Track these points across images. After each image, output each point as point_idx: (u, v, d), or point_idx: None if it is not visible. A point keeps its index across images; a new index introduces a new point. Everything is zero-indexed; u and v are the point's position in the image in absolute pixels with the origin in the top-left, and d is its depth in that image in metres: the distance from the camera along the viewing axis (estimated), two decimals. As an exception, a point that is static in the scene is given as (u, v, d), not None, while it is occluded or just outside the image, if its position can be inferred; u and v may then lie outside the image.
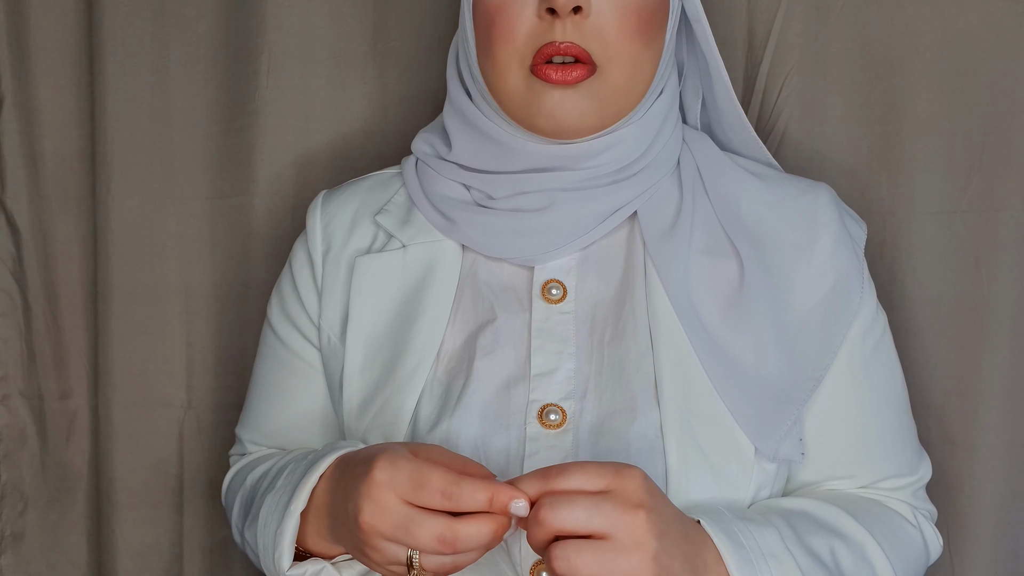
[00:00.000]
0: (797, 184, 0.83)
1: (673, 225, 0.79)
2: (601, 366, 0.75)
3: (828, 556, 0.71)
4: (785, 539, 0.69)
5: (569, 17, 0.73)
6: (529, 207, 0.79)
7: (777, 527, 0.70)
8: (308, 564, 0.72)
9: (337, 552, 0.73)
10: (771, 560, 0.67)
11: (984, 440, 0.99)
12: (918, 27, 0.99)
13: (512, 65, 0.75)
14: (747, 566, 0.66)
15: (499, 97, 0.77)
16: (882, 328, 0.81)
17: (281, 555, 0.71)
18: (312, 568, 0.72)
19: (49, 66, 1.08)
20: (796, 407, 0.74)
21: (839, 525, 0.74)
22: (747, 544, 0.67)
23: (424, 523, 0.61)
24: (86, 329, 1.12)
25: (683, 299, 0.76)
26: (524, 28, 0.75)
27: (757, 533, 0.68)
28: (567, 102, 0.75)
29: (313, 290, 0.85)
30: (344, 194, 0.88)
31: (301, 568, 0.72)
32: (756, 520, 0.70)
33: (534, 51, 0.74)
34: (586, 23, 0.74)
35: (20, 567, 1.14)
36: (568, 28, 0.73)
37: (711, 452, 0.72)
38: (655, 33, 0.77)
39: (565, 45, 0.73)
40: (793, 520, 0.72)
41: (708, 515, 0.68)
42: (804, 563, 0.68)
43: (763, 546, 0.67)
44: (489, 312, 0.78)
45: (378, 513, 0.63)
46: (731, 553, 0.66)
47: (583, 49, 0.74)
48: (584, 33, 0.74)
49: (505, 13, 0.75)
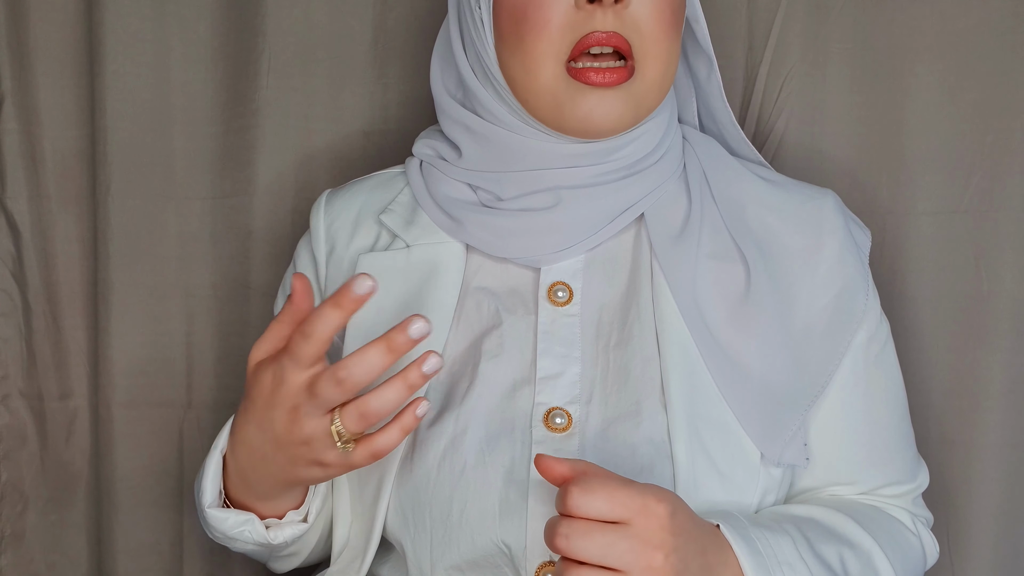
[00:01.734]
0: (803, 190, 0.82)
1: (682, 230, 0.79)
2: (607, 370, 0.75)
3: (838, 564, 0.71)
4: (799, 547, 0.69)
5: (611, 7, 0.71)
6: (536, 206, 0.78)
7: (791, 535, 0.70)
8: (232, 512, 0.73)
9: (269, 514, 0.74)
10: (786, 568, 0.67)
11: (984, 440, 1.00)
12: (918, 27, 0.99)
13: (547, 59, 0.73)
14: (763, 573, 0.66)
15: (526, 95, 0.75)
16: (885, 335, 0.81)
17: (203, 491, 0.72)
18: (236, 517, 0.73)
19: (49, 66, 1.08)
20: (801, 412, 0.74)
21: (847, 533, 0.74)
22: (764, 551, 0.67)
23: (321, 381, 0.60)
24: (86, 329, 1.12)
25: (690, 303, 0.76)
26: (560, 19, 0.72)
27: (773, 541, 0.68)
28: (605, 104, 0.73)
29: (317, 290, 0.84)
30: (347, 193, 0.87)
31: (224, 513, 0.73)
32: (771, 527, 0.70)
33: (572, 43, 0.72)
34: (626, 13, 0.72)
35: (20, 567, 1.14)
36: (610, 17, 0.71)
37: (718, 457, 0.72)
38: (680, 29, 0.76)
39: (607, 35, 0.71)
40: (804, 528, 0.72)
41: (727, 520, 0.68)
42: (816, 571, 0.69)
43: (779, 554, 0.68)
44: (495, 316, 0.78)
45: (277, 395, 0.63)
46: (748, 559, 0.66)
47: (624, 39, 0.72)
48: (625, 23, 0.72)
49: (537, 4, 0.72)
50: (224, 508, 0.73)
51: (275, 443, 0.66)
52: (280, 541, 0.75)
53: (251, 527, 0.73)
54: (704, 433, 0.72)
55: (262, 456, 0.68)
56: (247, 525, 0.73)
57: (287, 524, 0.75)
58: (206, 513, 0.73)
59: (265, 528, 0.74)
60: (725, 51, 1.01)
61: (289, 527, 0.75)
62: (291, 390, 0.63)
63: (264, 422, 0.65)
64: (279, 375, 0.63)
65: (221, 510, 0.73)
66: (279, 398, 0.63)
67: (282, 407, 0.63)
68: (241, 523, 0.73)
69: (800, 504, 0.77)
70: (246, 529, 0.73)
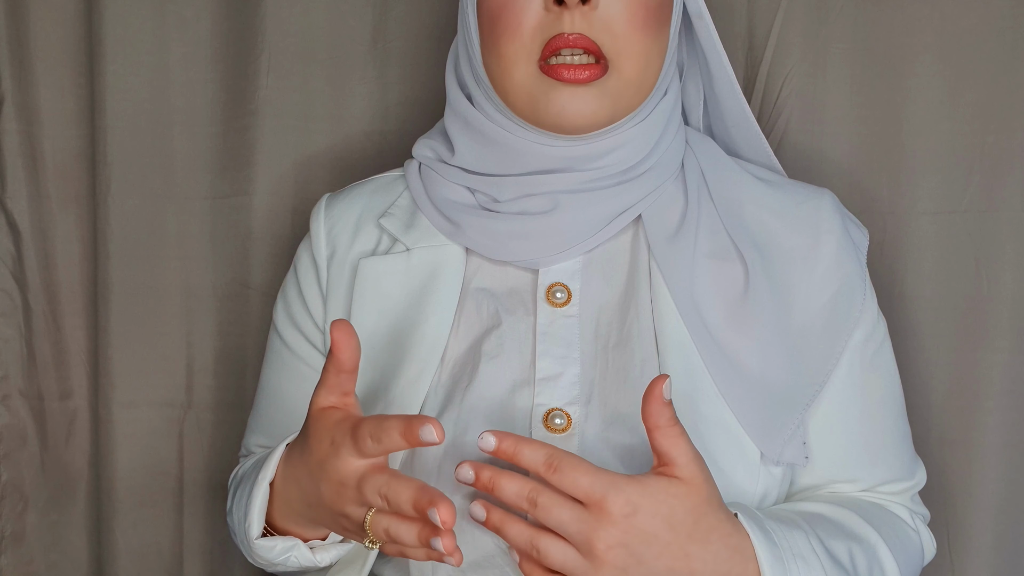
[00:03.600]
0: (800, 190, 0.82)
1: (678, 229, 0.79)
2: (606, 370, 0.75)
3: (847, 559, 0.72)
4: (811, 541, 0.70)
5: (577, 8, 0.72)
6: (534, 209, 0.78)
7: (803, 529, 0.70)
8: (279, 539, 0.73)
9: (312, 536, 0.74)
10: (799, 561, 0.67)
11: (983, 440, 1.00)
12: (918, 27, 0.99)
13: (519, 60, 0.74)
14: (779, 565, 0.66)
15: (505, 94, 0.77)
16: (882, 334, 0.81)
17: (250, 524, 0.72)
18: (283, 544, 0.73)
19: (49, 66, 1.08)
20: (799, 411, 0.75)
21: (853, 528, 0.75)
22: (780, 544, 0.67)
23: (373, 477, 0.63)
24: (86, 329, 1.12)
25: (688, 303, 0.76)
26: (531, 21, 0.74)
27: (787, 534, 0.69)
28: (577, 100, 0.74)
29: (318, 295, 0.84)
30: (347, 197, 0.87)
31: (271, 541, 0.72)
32: (785, 520, 0.70)
33: (542, 44, 0.73)
34: (594, 14, 0.73)
35: (20, 567, 1.14)
36: (577, 19, 0.72)
37: (719, 456, 0.72)
38: (661, 26, 0.76)
39: (574, 37, 0.72)
40: (814, 523, 0.73)
41: (743, 510, 0.69)
42: (828, 566, 0.69)
43: (793, 547, 0.68)
44: (494, 317, 0.78)
45: (328, 465, 0.64)
46: (765, 552, 0.66)
47: (592, 41, 0.73)
48: (593, 25, 0.73)
49: (511, 7, 0.74)
50: (269, 536, 0.74)
51: (318, 500, 0.67)
52: (327, 563, 0.75)
53: (298, 552, 0.73)
54: (704, 432, 0.72)
55: (308, 502, 0.69)
56: (294, 551, 0.73)
57: (331, 545, 0.75)
58: (253, 544, 0.73)
59: (312, 553, 0.74)
60: (725, 51, 1.01)
61: (334, 548, 0.75)
62: (342, 471, 0.64)
63: (315, 476, 0.67)
64: (337, 446, 0.64)
65: (268, 539, 0.73)
66: (329, 469, 0.64)
67: (329, 481, 0.65)
68: (288, 549, 0.73)
69: (806, 501, 0.78)
70: (292, 555, 0.73)
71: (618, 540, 0.63)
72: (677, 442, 0.64)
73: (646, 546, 0.63)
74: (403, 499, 0.61)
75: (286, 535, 0.73)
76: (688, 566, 0.64)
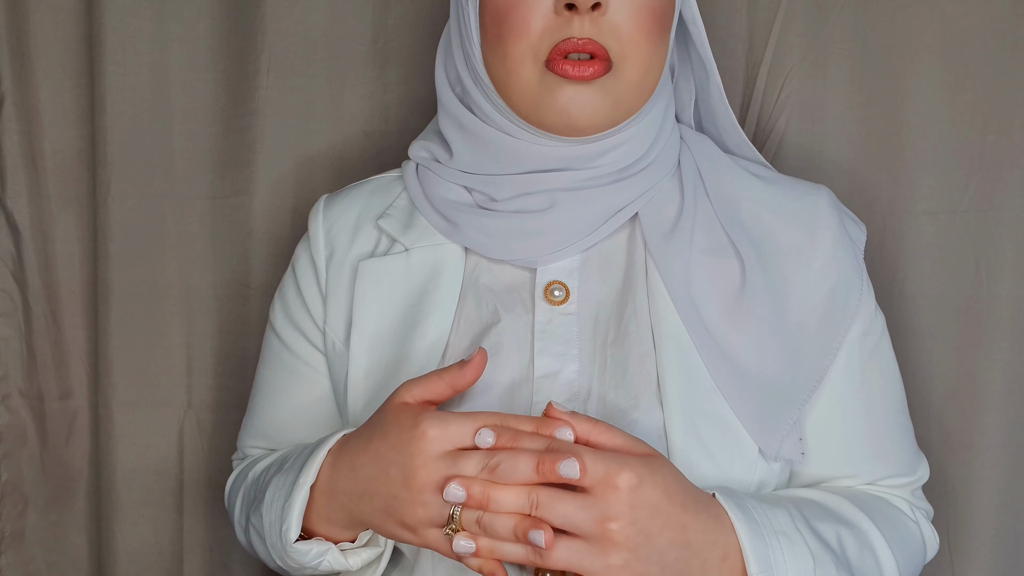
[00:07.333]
0: (797, 186, 0.83)
1: (675, 226, 0.79)
2: (604, 367, 0.75)
3: (835, 541, 0.72)
4: (795, 520, 0.70)
5: (587, 13, 0.73)
6: (531, 208, 0.79)
7: (787, 509, 0.71)
8: (314, 543, 0.73)
9: (343, 538, 0.74)
10: (782, 538, 0.68)
11: (984, 440, 1.00)
12: (918, 27, 0.99)
13: (526, 60, 0.75)
14: (759, 541, 0.67)
15: (508, 93, 0.77)
16: (880, 329, 0.81)
17: (289, 527, 0.72)
18: (318, 547, 0.73)
19: (49, 66, 1.08)
20: (797, 407, 0.75)
21: (844, 513, 0.75)
22: (760, 520, 0.68)
23: (471, 456, 0.65)
24: (86, 329, 1.12)
25: (685, 299, 0.76)
26: (539, 23, 0.74)
27: (769, 512, 0.69)
28: (581, 98, 0.74)
29: (318, 295, 0.84)
30: (346, 198, 0.88)
31: (307, 545, 0.73)
32: (768, 500, 0.71)
33: (550, 46, 0.74)
34: (603, 20, 0.74)
35: (20, 567, 1.14)
36: (587, 24, 0.73)
37: (716, 451, 0.73)
38: (664, 33, 0.77)
39: (583, 41, 0.73)
40: (801, 506, 0.73)
41: (722, 490, 0.69)
42: (812, 544, 0.69)
43: (775, 524, 0.69)
44: (493, 315, 0.78)
45: (431, 465, 0.65)
46: (744, 527, 0.67)
47: (600, 45, 0.73)
48: (601, 30, 0.73)
49: (519, 8, 0.74)
50: (303, 540, 0.74)
51: (375, 489, 0.68)
52: (358, 566, 0.75)
53: (332, 556, 0.74)
54: (701, 427, 0.73)
55: (360, 493, 0.69)
56: (328, 555, 0.74)
57: (361, 548, 0.75)
58: (289, 548, 0.73)
59: (344, 557, 0.74)
60: (725, 51, 1.01)
61: (365, 551, 0.75)
62: (429, 445, 0.65)
63: (385, 459, 0.67)
64: (450, 435, 0.65)
65: (303, 543, 0.73)
66: (412, 448, 0.65)
67: (409, 461, 0.66)
68: (322, 553, 0.73)
69: (800, 489, 0.78)
70: (325, 559, 0.74)
71: (628, 517, 0.63)
72: (616, 432, 0.66)
73: (651, 520, 0.64)
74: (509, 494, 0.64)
75: (313, 534, 0.74)
76: (685, 538, 0.65)
